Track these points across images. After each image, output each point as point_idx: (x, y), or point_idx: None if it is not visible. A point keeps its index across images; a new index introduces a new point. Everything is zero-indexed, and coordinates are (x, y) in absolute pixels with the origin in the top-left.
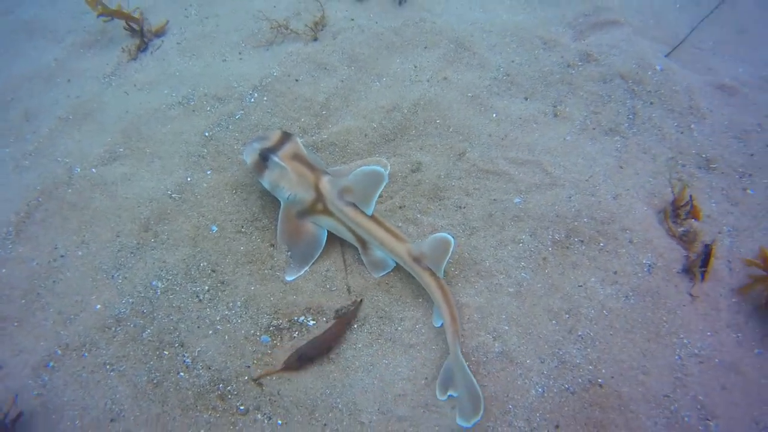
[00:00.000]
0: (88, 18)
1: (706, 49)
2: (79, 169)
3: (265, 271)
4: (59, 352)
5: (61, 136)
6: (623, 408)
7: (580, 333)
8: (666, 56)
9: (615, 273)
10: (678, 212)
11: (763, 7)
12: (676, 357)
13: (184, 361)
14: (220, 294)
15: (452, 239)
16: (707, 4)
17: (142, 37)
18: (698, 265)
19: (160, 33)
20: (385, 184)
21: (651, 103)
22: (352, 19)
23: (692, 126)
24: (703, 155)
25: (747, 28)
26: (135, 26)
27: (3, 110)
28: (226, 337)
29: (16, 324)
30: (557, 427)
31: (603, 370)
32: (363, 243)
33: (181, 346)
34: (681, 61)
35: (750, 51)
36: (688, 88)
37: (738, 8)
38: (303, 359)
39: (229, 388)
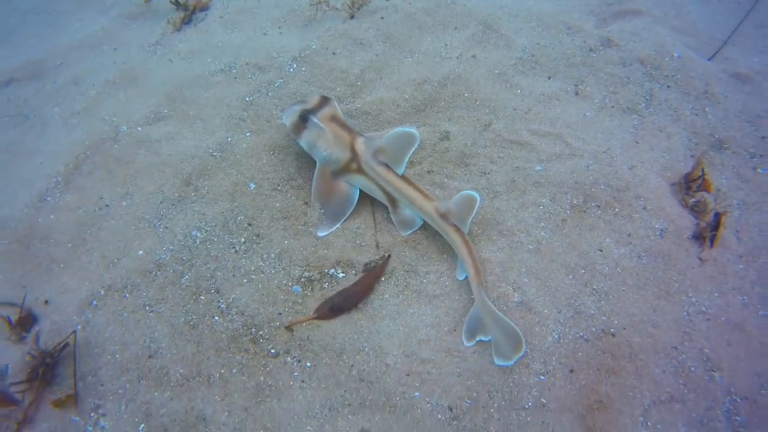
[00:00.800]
0: None
1: (722, 40)
2: (125, 128)
3: (299, 227)
4: (102, 292)
5: (107, 98)
6: (633, 356)
7: (594, 287)
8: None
9: (629, 235)
10: (690, 185)
11: None
12: (685, 313)
13: (219, 307)
14: (255, 246)
15: (478, 196)
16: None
17: (187, 10)
18: (708, 232)
19: (203, 8)
20: (417, 145)
21: (668, 87)
22: (388, 0)
23: (707, 109)
24: (716, 136)
25: (766, 23)
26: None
27: (52, 74)
28: (260, 286)
29: (62, 265)
30: (572, 371)
31: (616, 322)
32: (393, 201)
33: (217, 292)
34: (697, 50)
35: (766, 44)
36: (704, 74)
37: (758, 4)
38: (335, 310)
39: (261, 332)
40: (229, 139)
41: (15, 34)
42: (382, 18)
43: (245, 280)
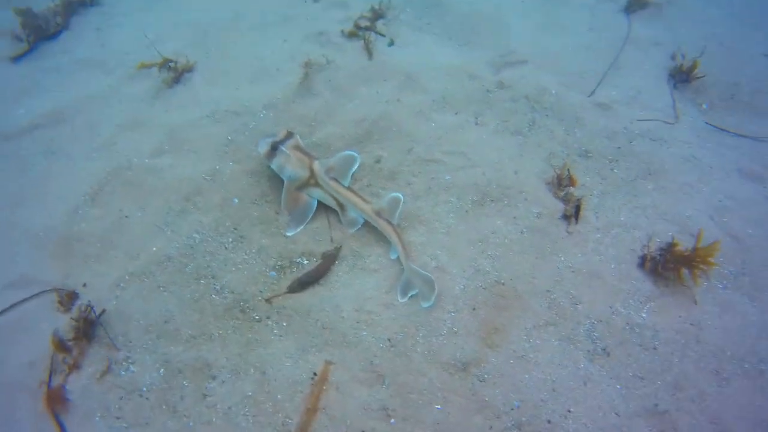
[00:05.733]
0: (131, 57)
1: (590, 79)
2: (136, 160)
3: (272, 230)
4: (127, 277)
5: (119, 138)
6: (518, 297)
7: (489, 253)
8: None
9: (514, 218)
10: (561, 182)
11: (637, 50)
12: (556, 268)
13: (215, 287)
14: (240, 244)
15: (401, 196)
16: (596, 48)
17: (176, 71)
18: (572, 213)
19: (188, 70)
20: (357, 163)
21: (546, 116)
22: (327, 59)
23: (576, 130)
24: (583, 148)
25: (622, 65)
26: (171, 65)
27: (70, 121)
28: (245, 272)
29: (94, 259)
30: (474, 308)
31: (505, 275)
32: (341, 206)
33: (213, 277)
34: (570, 87)
35: (622, 81)
36: (573, 105)
37: (619, 54)
38: (302, 284)
39: (247, 305)
40: (217, 167)
41: (36, 89)
42: (320, 74)
43: (234, 269)
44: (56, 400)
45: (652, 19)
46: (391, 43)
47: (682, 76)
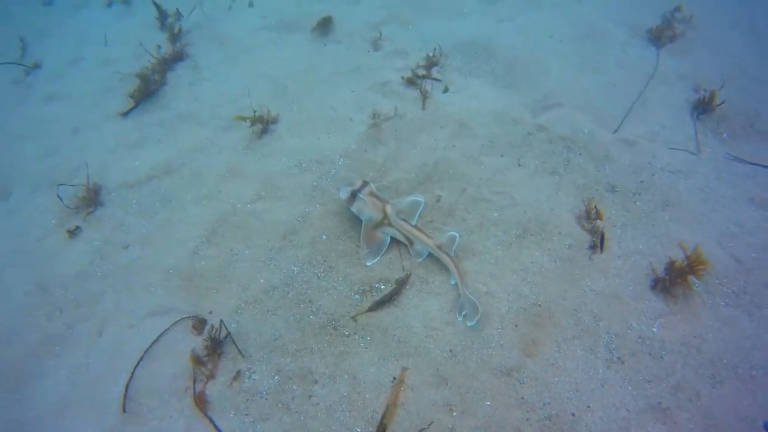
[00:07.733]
0: (222, 109)
1: (618, 116)
2: (239, 205)
3: (354, 261)
4: (243, 305)
5: (222, 186)
6: (551, 316)
7: (529, 280)
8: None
9: (549, 249)
10: (589, 216)
11: (663, 84)
12: (582, 291)
13: (312, 310)
14: (329, 273)
15: (457, 234)
16: (625, 85)
17: (264, 123)
18: (598, 243)
19: (273, 121)
20: (422, 207)
21: (579, 154)
22: (396, 110)
23: (606, 167)
24: (611, 184)
25: (648, 100)
26: (259, 117)
27: (179, 171)
28: (335, 297)
29: (215, 291)
30: (516, 325)
31: (541, 298)
32: (410, 241)
33: (310, 302)
34: (601, 125)
35: (648, 116)
36: (604, 143)
37: (644, 90)
38: (379, 304)
39: (338, 324)
40: (306, 210)
41: (146, 142)
42: (385, 123)
43: (326, 294)
44: (201, 402)
45: (680, 52)
46: (446, 90)
47: (704, 107)
